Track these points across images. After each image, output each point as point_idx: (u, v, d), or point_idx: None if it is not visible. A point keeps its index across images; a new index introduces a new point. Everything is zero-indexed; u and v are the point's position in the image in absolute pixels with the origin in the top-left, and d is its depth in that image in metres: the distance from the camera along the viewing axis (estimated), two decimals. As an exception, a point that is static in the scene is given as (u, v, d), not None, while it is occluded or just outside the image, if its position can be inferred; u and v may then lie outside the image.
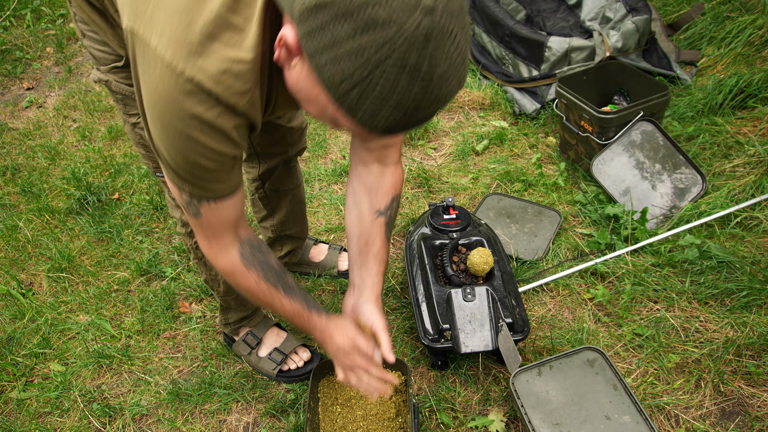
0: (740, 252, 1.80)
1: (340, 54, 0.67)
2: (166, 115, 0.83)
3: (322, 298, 1.87)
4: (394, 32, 0.65)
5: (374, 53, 0.66)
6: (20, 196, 2.45)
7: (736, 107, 2.36)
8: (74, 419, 1.61)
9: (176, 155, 0.88)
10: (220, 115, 0.83)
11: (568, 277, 1.83)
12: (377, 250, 1.23)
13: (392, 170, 1.22)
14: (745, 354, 1.56)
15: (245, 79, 0.81)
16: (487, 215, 2.09)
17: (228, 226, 1.04)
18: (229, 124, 0.85)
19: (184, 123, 0.82)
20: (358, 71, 0.68)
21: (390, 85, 0.68)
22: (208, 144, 0.86)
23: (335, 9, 0.65)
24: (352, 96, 0.70)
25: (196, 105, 0.80)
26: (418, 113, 0.72)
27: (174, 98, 0.80)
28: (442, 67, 0.69)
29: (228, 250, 1.06)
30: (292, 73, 0.79)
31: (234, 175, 0.98)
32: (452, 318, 1.51)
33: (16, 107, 3.12)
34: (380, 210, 1.22)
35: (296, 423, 1.51)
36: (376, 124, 0.73)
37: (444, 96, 0.72)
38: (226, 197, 0.99)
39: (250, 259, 1.08)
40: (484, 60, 2.91)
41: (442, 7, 0.66)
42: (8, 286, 2.01)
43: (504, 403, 1.53)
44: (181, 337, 1.80)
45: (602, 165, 2.11)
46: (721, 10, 2.77)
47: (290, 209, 1.71)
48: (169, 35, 0.78)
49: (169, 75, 0.79)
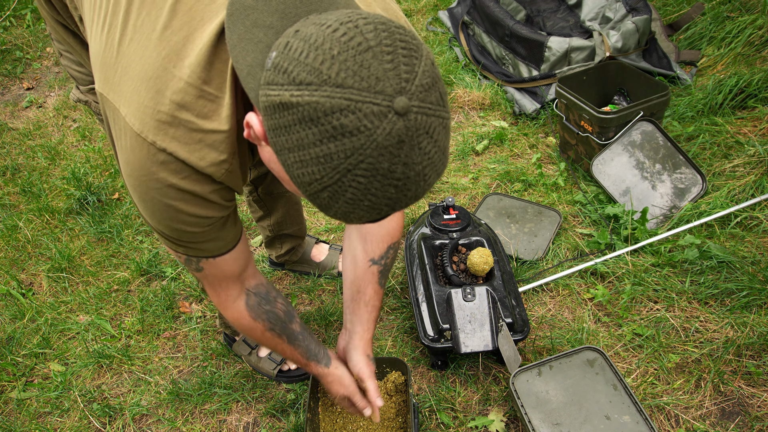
0: (740, 252, 1.80)
1: (307, 158, 0.63)
2: (142, 186, 0.79)
3: (322, 297, 1.87)
4: (364, 140, 0.60)
5: (343, 160, 0.61)
6: (20, 196, 2.45)
7: (736, 107, 2.36)
8: (74, 419, 1.61)
9: (159, 224, 0.86)
10: (196, 182, 0.79)
11: (568, 277, 1.83)
12: (368, 298, 1.23)
13: (390, 216, 1.18)
14: (745, 354, 1.56)
15: (220, 150, 0.78)
16: (487, 215, 2.09)
17: (233, 278, 1.03)
18: (207, 190, 0.82)
19: (161, 193, 0.79)
20: (326, 176, 0.63)
21: (362, 190, 0.64)
22: (189, 211, 0.83)
23: (300, 113, 0.61)
24: (323, 197, 0.66)
25: (171, 175, 0.77)
26: (393, 210, 0.68)
27: (147, 169, 0.77)
28: (418, 167, 0.64)
29: (236, 302, 1.07)
30: (264, 152, 0.75)
31: (226, 233, 0.94)
32: (452, 318, 1.51)
33: (16, 107, 3.12)
34: (374, 259, 1.21)
35: (296, 423, 1.51)
36: (349, 220, 0.70)
37: (422, 192, 0.68)
38: (224, 253, 0.97)
39: (257, 310, 1.09)
40: (484, 60, 2.91)
41: (417, 106, 0.62)
42: (8, 286, 2.01)
43: (504, 403, 1.53)
44: (181, 337, 1.80)
45: (602, 165, 2.11)
46: (721, 10, 2.77)
47: (286, 210, 1.71)
48: (137, 104, 0.75)
49: (140, 145, 0.76)
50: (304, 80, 0.61)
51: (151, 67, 0.75)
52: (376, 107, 0.60)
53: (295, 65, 0.62)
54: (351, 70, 0.60)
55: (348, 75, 0.60)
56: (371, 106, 0.60)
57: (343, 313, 1.29)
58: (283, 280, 1.96)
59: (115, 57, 0.78)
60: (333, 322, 1.78)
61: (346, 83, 0.60)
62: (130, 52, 0.77)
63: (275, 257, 1.89)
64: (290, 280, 1.95)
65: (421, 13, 3.68)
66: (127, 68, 0.76)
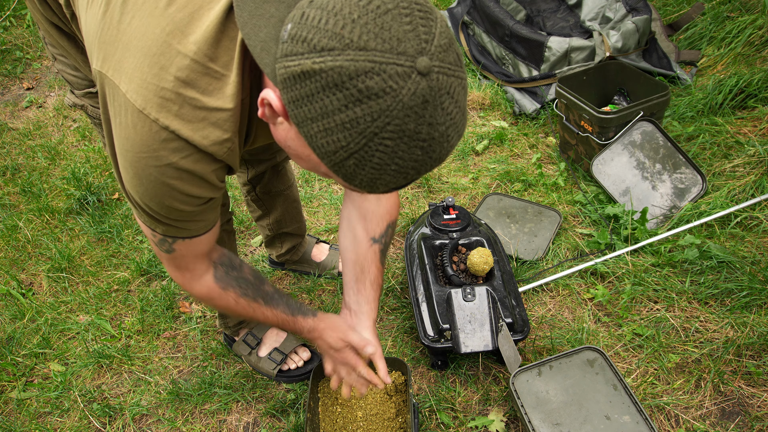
0: (740, 252, 1.80)
1: (332, 125, 0.63)
2: (140, 162, 0.78)
3: (322, 298, 1.87)
4: (390, 102, 0.61)
5: (370, 124, 0.62)
6: (20, 196, 2.45)
7: (736, 107, 2.36)
8: (74, 419, 1.61)
9: (150, 201, 0.84)
10: (197, 161, 0.79)
11: (568, 277, 1.83)
12: (373, 277, 1.22)
13: (388, 196, 1.19)
14: (745, 354, 1.56)
15: (224, 128, 0.77)
16: (487, 215, 2.09)
17: (201, 256, 1.01)
18: (208, 169, 0.81)
19: (159, 171, 0.78)
20: (353, 142, 0.64)
21: (389, 153, 0.64)
22: (185, 189, 0.82)
23: (323, 79, 0.61)
24: (348, 165, 0.66)
25: (173, 153, 0.76)
26: (420, 174, 0.69)
27: (148, 146, 0.75)
28: (442, 126, 0.65)
29: (202, 277, 1.03)
30: (279, 130, 0.75)
31: (212, 214, 0.94)
32: (452, 318, 1.51)
33: (16, 107, 3.12)
34: (375, 238, 1.21)
35: (296, 423, 1.51)
36: (374, 188, 0.70)
37: (446, 153, 0.69)
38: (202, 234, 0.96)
39: (226, 279, 1.05)
40: (484, 60, 2.91)
41: (438, 65, 0.62)
42: (8, 286, 2.01)
43: (504, 403, 1.53)
44: (181, 337, 1.80)
45: (602, 165, 2.11)
46: (721, 10, 2.77)
47: (284, 209, 1.71)
48: (139, 81, 0.73)
49: (142, 122, 0.74)
50: (325, 46, 0.61)
51: (155, 43, 0.73)
52: (399, 68, 0.61)
53: (315, 33, 0.62)
54: (372, 32, 0.60)
55: (370, 38, 0.60)
56: (395, 67, 0.60)
57: (343, 295, 1.26)
58: (283, 280, 1.96)
59: (116, 35, 0.76)
60: (333, 322, 1.78)
61: (368, 46, 0.60)
62: (132, 29, 0.75)
63: (276, 256, 1.89)
64: (290, 280, 1.95)
65: (421, 13, 3.67)
66: (128, 45, 0.75)
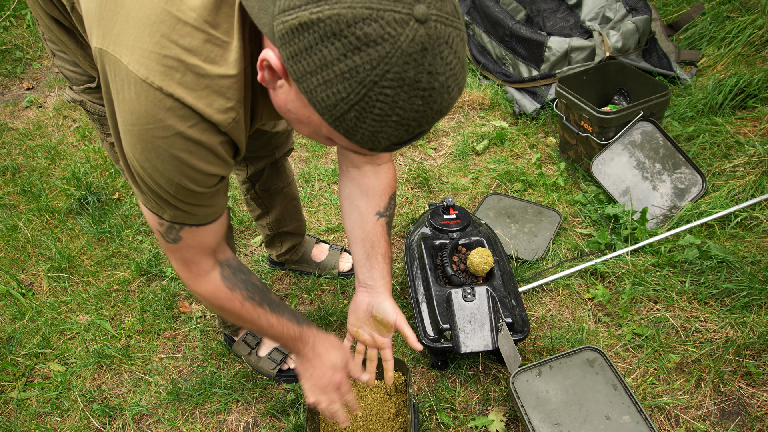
0: (740, 252, 1.80)
1: (331, 76, 0.63)
2: (147, 134, 0.76)
3: (322, 297, 1.87)
4: (389, 48, 0.61)
5: (369, 72, 0.62)
6: (20, 196, 2.45)
7: (736, 107, 2.36)
8: (74, 419, 1.61)
9: (160, 178, 0.81)
10: (204, 131, 0.77)
11: (568, 277, 1.83)
12: (384, 250, 1.23)
13: (385, 169, 1.20)
14: (745, 354, 1.56)
15: (228, 96, 0.76)
16: (487, 215, 2.09)
17: (208, 251, 0.98)
18: (215, 141, 0.79)
19: (167, 142, 0.76)
20: (353, 93, 0.63)
21: (389, 103, 0.64)
22: (194, 164, 0.80)
23: (321, 29, 0.61)
24: (349, 118, 0.66)
25: (179, 121, 0.74)
26: (421, 127, 0.69)
27: (154, 116, 0.74)
28: (442, 76, 0.65)
29: (209, 275, 1.00)
30: (279, 94, 0.74)
31: (220, 199, 0.93)
32: (452, 318, 1.51)
33: (16, 107, 3.12)
34: (380, 212, 1.22)
35: (296, 423, 1.51)
36: (376, 143, 0.70)
37: (446, 106, 0.69)
38: (209, 222, 0.94)
39: (233, 280, 1.02)
40: (484, 60, 2.91)
41: (435, 14, 0.63)
42: (8, 286, 2.01)
43: (504, 403, 1.53)
44: (181, 337, 1.80)
45: (602, 165, 2.11)
46: (721, 10, 2.77)
47: (284, 207, 1.71)
48: (141, 51, 0.72)
49: (146, 92, 0.73)
50: None
51: (154, 11, 0.72)
52: (397, 14, 0.61)
53: None
54: None
55: None
56: (392, 13, 0.61)
57: (356, 273, 1.25)
58: (283, 280, 1.96)
59: (114, 9, 0.76)
60: (333, 322, 1.78)
61: None
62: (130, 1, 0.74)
63: (276, 256, 1.89)
64: (290, 280, 1.95)
65: (421, 13, 3.68)
66: (127, 17, 0.74)
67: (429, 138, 2.57)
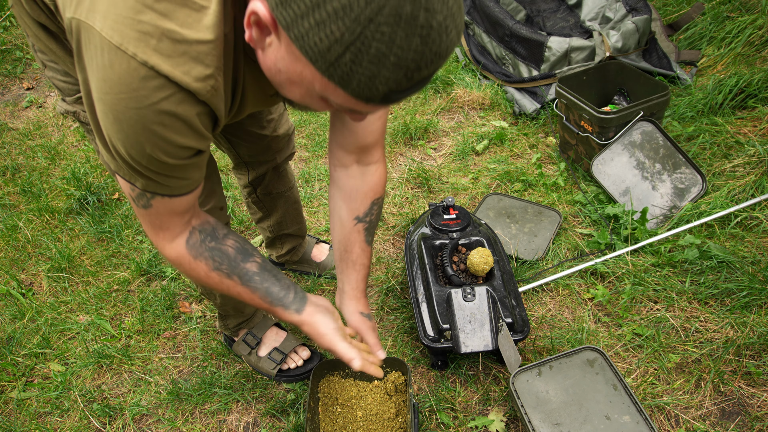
0: (740, 252, 1.80)
1: (323, 16, 0.59)
2: (120, 104, 0.73)
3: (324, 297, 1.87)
4: None
5: (364, 8, 0.58)
6: (20, 196, 2.45)
7: (736, 107, 2.36)
8: (74, 419, 1.61)
9: (132, 149, 0.78)
10: (180, 102, 0.74)
11: (568, 277, 1.83)
12: (355, 257, 1.22)
13: (373, 170, 1.18)
14: (745, 354, 1.56)
15: (206, 63, 0.73)
16: (487, 215, 2.09)
17: (179, 218, 0.96)
18: (191, 112, 0.76)
19: (140, 114, 0.73)
20: (347, 32, 0.60)
21: (386, 41, 0.60)
22: (167, 137, 0.77)
23: None
24: (344, 61, 0.62)
25: (154, 92, 0.72)
26: (420, 71, 0.65)
27: (128, 85, 0.71)
28: (440, 14, 0.61)
29: (175, 240, 0.98)
30: (269, 54, 0.72)
31: (195, 172, 0.90)
32: (452, 318, 1.51)
33: (16, 107, 3.12)
34: (359, 217, 1.20)
35: (296, 423, 1.51)
36: (374, 90, 0.66)
37: (445, 49, 0.65)
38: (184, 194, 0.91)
39: (198, 248, 0.99)
40: (484, 60, 2.91)
41: None
42: (8, 286, 2.01)
43: (504, 403, 1.53)
44: (181, 337, 1.80)
45: (602, 165, 2.11)
46: (721, 10, 2.77)
47: (285, 210, 1.71)
48: (114, 16, 0.70)
49: (120, 59, 0.70)
50: None
51: None
52: None
53: None
54: None
55: None
56: None
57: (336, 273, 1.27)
58: (283, 280, 1.96)
59: None
60: (333, 322, 1.78)
61: None
62: None
63: (276, 257, 1.89)
64: (290, 279, 1.95)
65: (421, 13, 3.67)
66: None
67: (429, 138, 2.57)
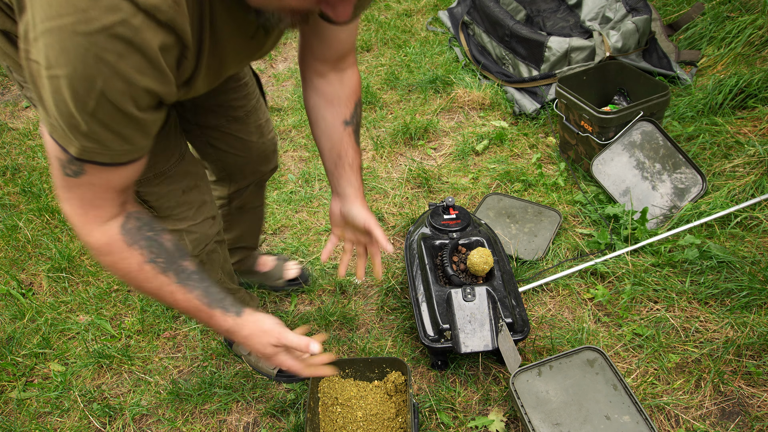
0: (740, 252, 1.80)
1: None
2: (67, 29, 0.62)
3: (322, 298, 1.87)
4: None
5: None
6: (20, 196, 2.45)
7: (736, 107, 2.36)
8: (74, 419, 1.61)
9: (79, 86, 0.66)
10: (139, 30, 0.64)
11: (568, 277, 1.83)
12: (351, 160, 1.21)
13: (349, 75, 1.18)
14: (745, 354, 1.56)
15: None
16: (487, 215, 2.09)
17: (114, 195, 0.83)
18: (154, 42, 0.66)
19: (91, 40, 0.62)
20: None
21: None
22: (124, 71, 0.66)
23: None
24: None
25: (106, 13, 0.61)
26: None
27: (75, 5, 0.61)
28: None
29: (107, 222, 0.84)
30: None
31: (144, 137, 0.78)
32: (452, 318, 1.51)
33: (16, 107, 3.12)
34: (346, 120, 1.19)
35: (296, 423, 1.51)
36: None
37: None
38: (123, 164, 0.79)
39: (135, 235, 0.86)
40: (484, 60, 2.91)
41: None
42: (8, 286, 2.01)
43: (504, 403, 1.53)
44: (181, 337, 1.80)
45: (602, 165, 2.11)
46: (721, 10, 2.77)
47: (249, 225, 1.68)
48: None
49: None
50: None
51: None
52: None
53: None
54: None
55: None
56: None
57: (330, 183, 1.25)
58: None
59: None
60: (333, 322, 1.78)
61: None
62: None
63: None
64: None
65: (421, 13, 3.68)
66: None
67: (429, 138, 2.57)
